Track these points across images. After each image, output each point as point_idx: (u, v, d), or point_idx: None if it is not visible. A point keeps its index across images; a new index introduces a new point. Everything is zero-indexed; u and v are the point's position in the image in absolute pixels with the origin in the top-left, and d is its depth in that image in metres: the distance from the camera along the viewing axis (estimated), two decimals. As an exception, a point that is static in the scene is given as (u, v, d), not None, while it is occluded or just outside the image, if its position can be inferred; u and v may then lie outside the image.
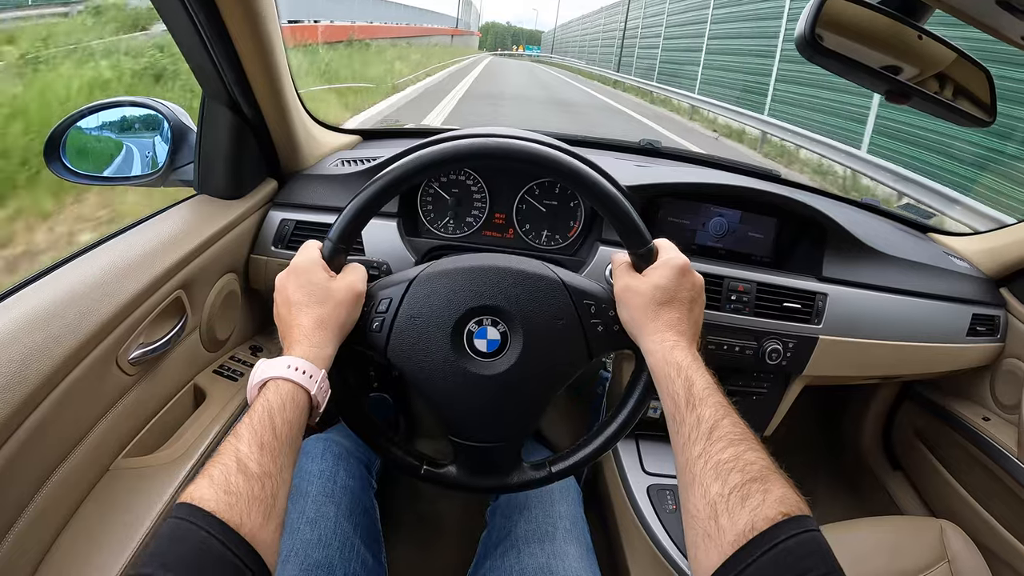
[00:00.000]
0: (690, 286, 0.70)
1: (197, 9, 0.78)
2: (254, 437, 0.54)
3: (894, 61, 0.90)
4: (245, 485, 0.50)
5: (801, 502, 0.50)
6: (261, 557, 0.49)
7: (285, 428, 0.57)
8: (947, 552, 1.07)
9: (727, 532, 0.49)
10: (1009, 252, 1.33)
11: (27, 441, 0.65)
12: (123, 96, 1.02)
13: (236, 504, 0.49)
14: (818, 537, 0.48)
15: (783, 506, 0.49)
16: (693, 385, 0.61)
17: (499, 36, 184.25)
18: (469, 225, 1.15)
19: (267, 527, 0.51)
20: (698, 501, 0.53)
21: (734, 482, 0.51)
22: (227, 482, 0.50)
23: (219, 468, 0.51)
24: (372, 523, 0.92)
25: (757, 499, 0.50)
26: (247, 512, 0.49)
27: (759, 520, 0.48)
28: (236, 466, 0.51)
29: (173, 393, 0.95)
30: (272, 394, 0.58)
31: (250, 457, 0.52)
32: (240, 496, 0.50)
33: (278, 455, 0.55)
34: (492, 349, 0.71)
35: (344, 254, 0.71)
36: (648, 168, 1.22)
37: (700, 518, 0.52)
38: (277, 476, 0.54)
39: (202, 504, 0.48)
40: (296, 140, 1.10)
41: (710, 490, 0.52)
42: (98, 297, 0.76)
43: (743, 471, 0.52)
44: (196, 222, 0.97)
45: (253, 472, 0.52)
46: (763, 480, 0.51)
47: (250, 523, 0.49)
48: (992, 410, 1.37)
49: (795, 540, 0.47)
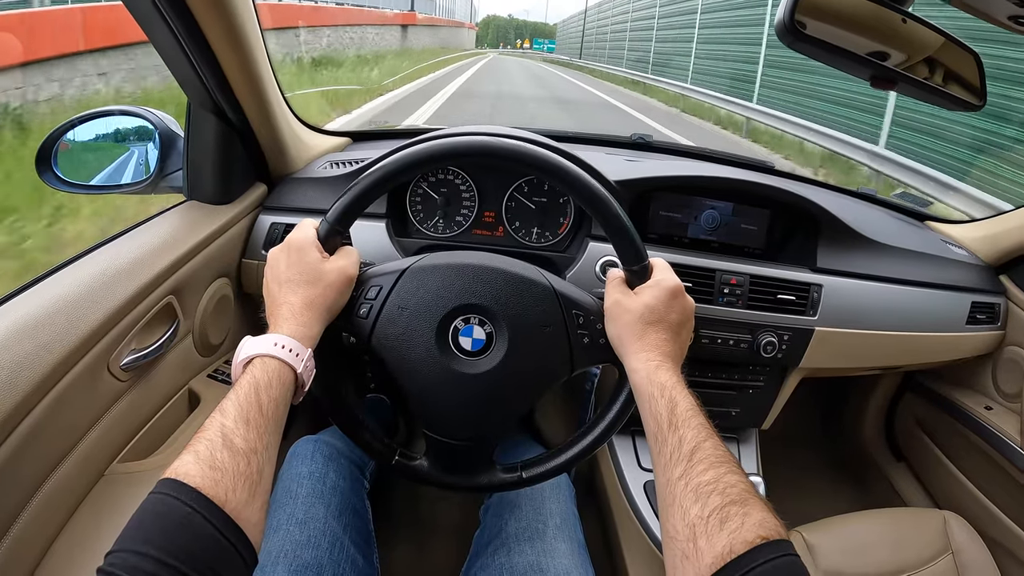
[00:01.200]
0: (680, 309, 0.70)
1: (175, 20, 0.78)
2: (240, 413, 0.54)
3: (880, 47, 0.90)
4: (231, 461, 0.50)
5: (780, 527, 0.50)
6: (245, 534, 0.49)
7: (271, 405, 0.56)
8: (951, 543, 1.06)
9: (705, 554, 0.49)
10: (1008, 238, 1.32)
11: (19, 448, 0.65)
12: (112, 106, 1.03)
13: (222, 480, 0.49)
14: (796, 562, 0.47)
15: (762, 530, 0.48)
16: (676, 406, 0.61)
17: (500, 30, 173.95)
18: (459, 224, 1.15)
19: (252, 504, 0.50)
20: (677, 522, 0.53)
21: (713, 504, 0.51)
22: (212, 458, 0.49)
23: (204, 443, 0.51)
24: (363, 523, 0.91)
25: (736, 522, 0.49)
26: (232, 488, 0.49)
27: (737, 543, 0.48)
28: (222, 441, 0.51)
29: (167, 398, 0.96)
30: (259, 371, 0.58)
31: (236, 432, 0.52)
32: (226, 472, 0.49)
33: (264, 432, 0.54)
34: (476, 348, 0.71)
35: (340, 236, 0.71)
36: (639, 163, 1.22)
37: (679, 539, 0.52)
38: (263, 453, 0.53)
39: (187, 480, 0.47)
40: (283, 144, 1.10)
41: (689, 512, 0.52)
42: (87, 305, 0.76)
43: (723, 494, 0.52)
44: (185, 228, 0.97)
45: (239, 448, 0.51)
46: (743, 503, 0.51)
47: (235, 500, 0.48)
48: (994, 399, 1.35)
49: (772, 564, 0.46)
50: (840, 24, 0.85)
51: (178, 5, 0.77)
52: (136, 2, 0.77)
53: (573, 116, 11.20)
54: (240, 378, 0.59)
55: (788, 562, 0.47)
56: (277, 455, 0.58)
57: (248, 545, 0.49)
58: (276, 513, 0.83)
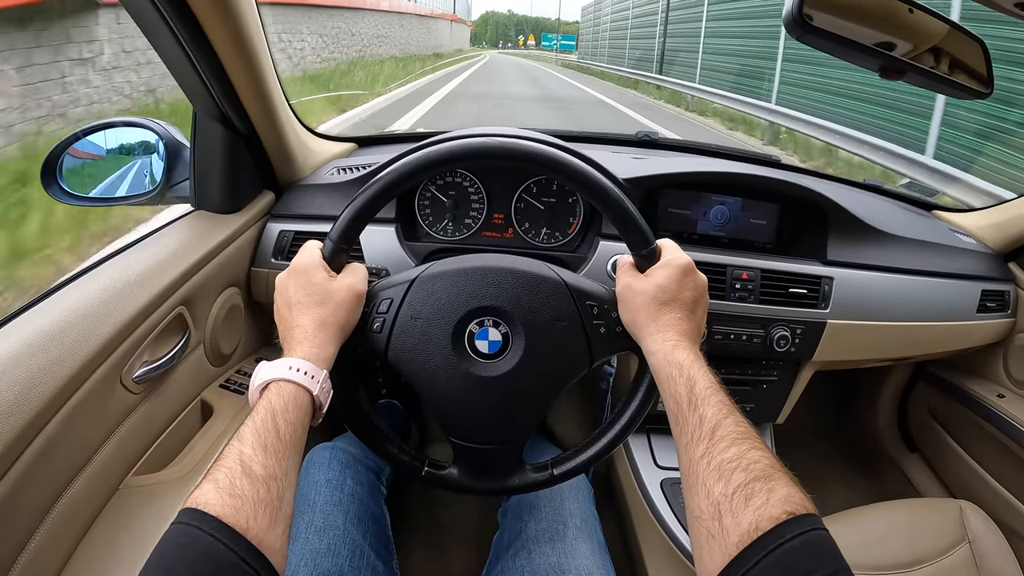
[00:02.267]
0: (693, 286, 0.69)
1: (180, 27, 0.78)
2: (258, 440, 0.54)
3: (887, 37, 0.90)
4: (250, 488, 0.50)
5: (807, 500, 0.49)
6: (269, 561, 0.48)
7: (289, 430, 0.56)
8: (968, 533, 1.05)
9: (731, 532, 0.48)
10: (1015, 226, 1.31)
11: (34, 463, 0.65)
12: (116, 117, 1.02)
13: (242, 508, 0.48)
14: (824, 536, 0.47)
15: (788, 505, 0.48)
16: (695, 385, 0.60)
17: (500, 27, 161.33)
18: (468, 227, 1.15)
19: (274, 530, 0.50)
20: (702, 502, 0.52)
21: (737, 481, 0.50)
22: (232, 485, 0.49)
23: (223, 472, 0.50)
24: (382, 530, 0.91)
25: (761, 498, 0.49)
26: (253, 515, 0.48)
27: (763, 520, 0.47)
28: (240, 469, 0.51)
29: (180, 409, 0.96)
30: (274, 396, 0.58)
31: (254, 459, 0.52)
32: (245, 499, 0.49)
33: (283, 457, 0.54)
34: (493, 350, 0.70)
35: (344, 254, 0.71)
36: (646, 160, 1.22)
37: (704, 519, 0.51)
38: (283, 478, 0.53)
39: (207, 509, 0.47)
40: (290, 151, 1.10)
41: (713, 490, 0.51)
42: (98, 318, 0.76)
43: (746, 470, 0.51)
44: (194, 238, 0.97)
45: (258, 475, 0.51)
46: (767, 479, 0.50)
47: (256, 526, 0.48)
48: (1006, 387, 1.35)
49: (800, 539, 0.46)
50: (847, 16, 0.85)
51: (184, 14, 0.76)
52: (142, 12, 0.77)
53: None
54: (257, 404, 0.58)
55: (816, 536, 0.46)
56: (298, 477, 0.58)
57: (272, 571, 0.49)
58: (295, 522, 0.82)
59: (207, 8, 0.77)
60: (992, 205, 1.43)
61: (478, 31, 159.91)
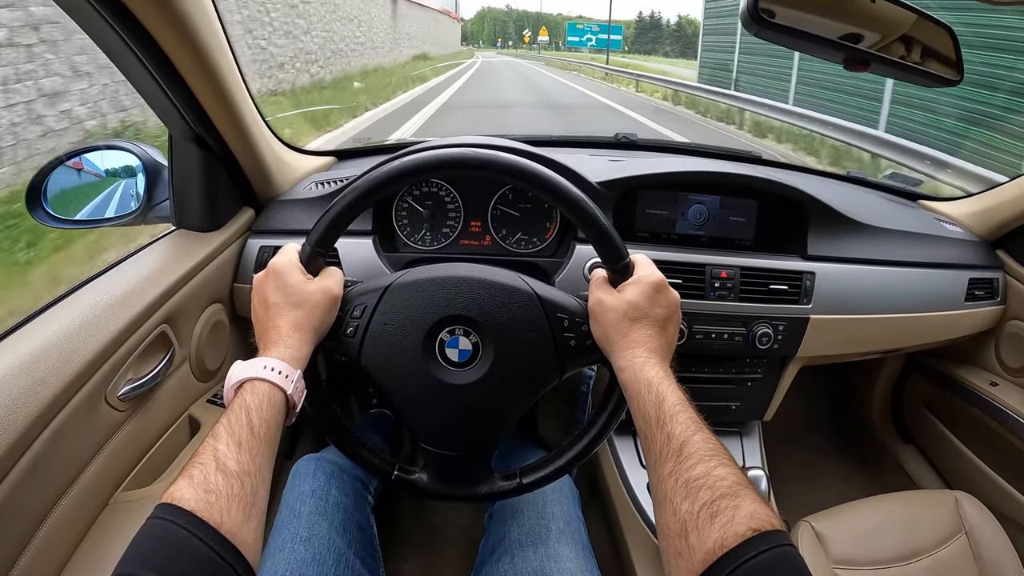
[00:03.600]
0: (664, 303, 0.69)
1: (145, 54, 0.79)
2: (232, 436, 0.55)
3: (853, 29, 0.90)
4: (224, 483, 0.51)
5: (773, 516, 0.49)
6: (242, 554, 0.49)
7: (263, 427, 0.57)
8: (964, 523, 1.05)
9: (696, 551, 0.48)
10: (1001, 212, 1.31)
11: (22, 481, 0.66)
12: (99, 141, 1.04)
13: (216, 502, 0.49)
14: (790, 552, 0.47)
15: (753, 522, 0.48)
16: (663, 402, 0.60)
17: (498, 24, 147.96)
18: (446, 236, 1.16)
19: (248, 524, 0.51)
20: (669, 519, 0.53)
21: (704, 499, 0.51)
22: (206, 481, 0.50)
23: (198, 468, 0.51)
24: (368, 539, 0.92)
25: (727, 515, 0.49)
26: (227, 510, 0.49)
27: (728, 537, 0.47)
28: (215, 465, 0.52)
29: (167, 425, 0.97)
30: (249, 394, 0.59)
31: (228, 456, 0.53)
32: (220, 494, 0.50)
33: (256, 454, 0.55)
34: (464, 359, 0.71)
35: (322, 258, 0.72)
36: (622, 162, 1.22)
37: (672, 536, 0.52)
38: (256, 474, 0.54)
39: (181, 503, 0.48)
40: (267, 168, 1.11)
41: (680, 508, 0.52)
42: (81, 338, 0.77)
43: (713, 488, 0.51)
44: (174, 257, 0.98)
45: (232, 470, 0.52)
46: (733, 496, 0.50)
47: (230, 521, 0.49)
48: (999, 374, 1.34)
49: (766, 556, 0.46)
50: (809, 8, 0.85)
51: (147, 42, 0.78)
52: (106, 39, 0.78)
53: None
54: (231, 402, 0.60)
55: (781, 553, 0.46)
56: (273, 475, 0.59)
57: (245, 565, 0.50)
58: (280, 532, 0.84)
59: (168, 36, 0.79)
60: (978, 192, 1.42)
61: (473, 29, 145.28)
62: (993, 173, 4.19)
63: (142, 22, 0.75)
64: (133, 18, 0.74)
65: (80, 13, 0.73)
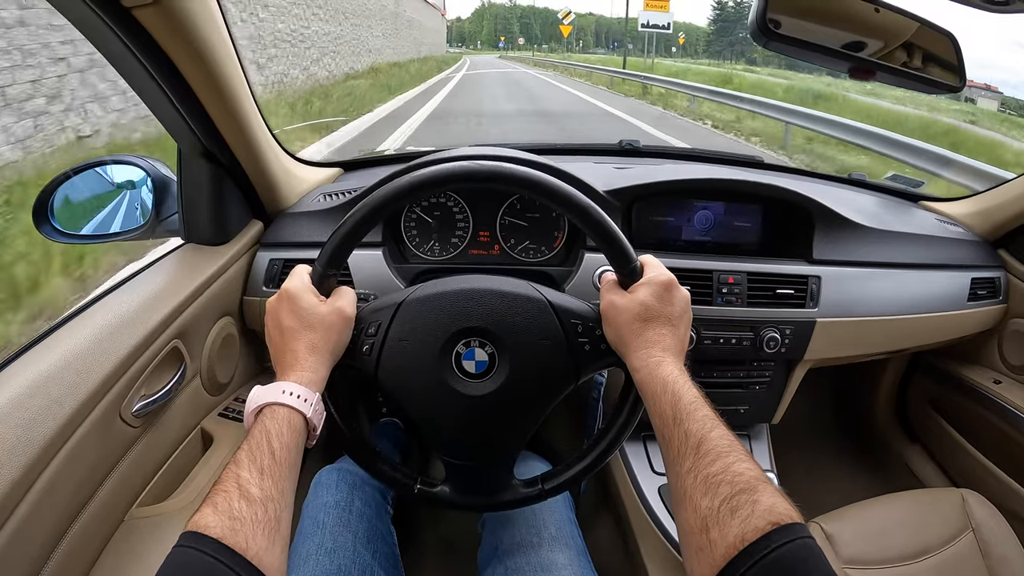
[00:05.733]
0: (675, 302, 0.70)
1: (158, 72, 0.80)
2: (253, 462, 0.55)
3: (855, 37, 0.91)
4: (248, 509, 0.51)
5: (792, 510, 0.50)
6: None
7: (283, 452, 0.58)
8: (971, 521, 1.05)
9: (718, 545, 0.49)
10: (1002, 212, 1.32)
11: (40, 500, 0.67)
12: (105, 155, 1.04)
13: (240, 529, 0.50)
14: (810, 544, 0.47)
15: (772, 515, 0.48)
16: (680, 400, 0.61)
17: (500, 21, 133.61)
18: (455, 246, 1.16)
19: (272, 550, 0.52)
20: (689, 516, 0.53)
21: (723, 494, 0.51)
22: (230, 508, 0.51)
23: (221, 495, 0.52)
24: (390, 549, 0.92)
25: (746, 510, 0.49)
26: (252, 536, 0.50)
27: (748, 531, 0.48)
28: (238, 492, 0.52)
29: (180, 440, 0.97)
30: (268, 420, 0.60)
31: (251, 482, 0.53)
32: (244, 521, 0.50)
33: (279, 479, 0.56)
34: (480, 370, 0.72)
35: (333, 279, 0.72)
36: (628, 169, 1.23)
37: (693, 532, 0.52)
38: (279, 499, 0.55)
39: (206, 531, 0.49)
40: (275, 181, 1.11)
41: (700, 504, 0.52)
42: (95, 356, 0.78)
43: (731, 483, 0.52)
44: (185, 272, 0.99)
45: (255, 496, 0.53)
46: (751, 491, 0.51)
47: (255, 546, 0.50)
48: (1003, 372, 1.35)
49: (786, 549, 0.46)
50: (814, 18, 0.86)
51: (160, 60, 0.78)
52: (120, 58, 0.78)
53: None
54: (252, 428, 0.60)
55: (801, 545, 0.47)
56: (295, 494, 0.59)
57: None
58: (305, 543, 0.84)
59: (182, 54, 0.79)
60: (979, 192, 1.43)
61: (471, 28, 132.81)
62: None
63: (157, 41, 0.76)
64: (148, 36, 0.74)
65: (95, 31, 0.74)
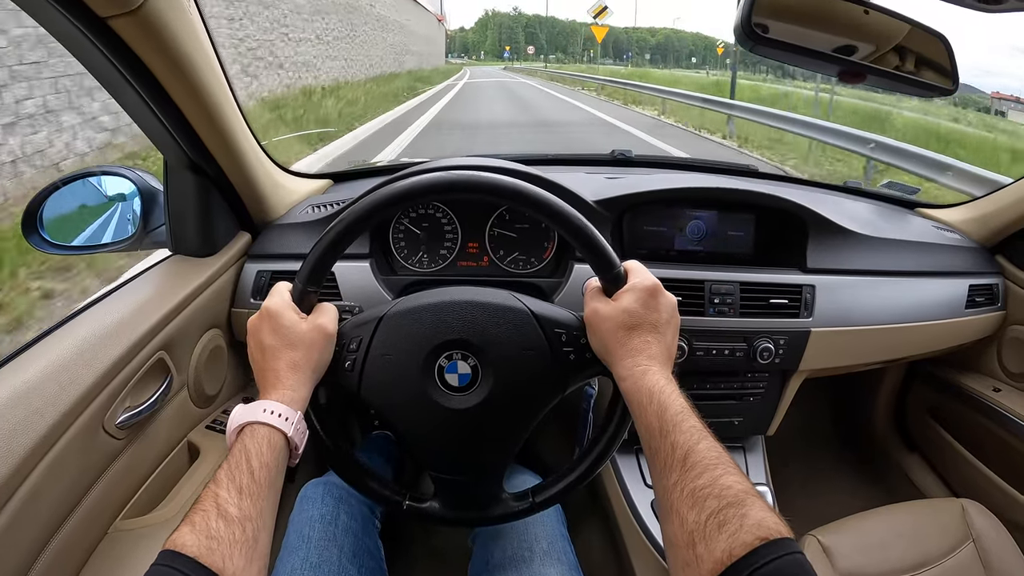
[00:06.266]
0: (661, 308, 0.68)
1: (140, 84, 0.80)
2: (232, 482, 0.55)
3: (846, 41, 0.90)
4: (226, 529, 0.51)
5: (781, 524, 0.49)
6: None
7: (263, 472, 0.58)
8: (971, 531, 1.04)
9: (705, 561, 0.48)
10: (999, 218, 1.31)
11: (21, 511, 0.66)
12: (94, 167, 1.04)
13: (217, 548, 0.50)
14: (800, 559, 0.46)
15: (760, 530, 0.47)
16: (666, 411, 0.59)
17: (505, 31, 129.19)
18: (443, 257, 1.16)
19: (249, 569, 0.52)
20: (676, 530, 0.52)
21: (711, 508, 0.50)
22: (208, 527, 0.51)
23: (200, 514, 0.52)
24: (377, 564, 0.91)
25: (734, 525, 0.48)
26: (229, 555, 0.50)
27: (736, 547, 0.47)
28: (216, 511, 0.52)
29: (166, 452, 0.97)
30: (248, 439, 0.59)
31: (229, 501, 0.54)
32: (221, 540, 0.51)
33: (257, 498, 0.56)
34: (464, 383, 0.71)
35: (314, 295, 0.72)
36: (619, 179, 1.22)
37: (679, 547, 0.51)
38: (257, 519, 0.55)
39: (183, 550, 0.49)
40: (262, 192, 1.11)
41: (687, 518, 0.51)
42: (78, 367, 0.77)
43: (719, 497, 0.51)
44: (171, 283, 0.98)
45: (233, 516, 0.53)
46: (739, 504, 0.50)
47: (232, 566, 0.50)
48: (1002, 380, 1.34)
49: (774, 565, 0.45)
50: (802, 22, 0.85)
51: (142, 72, 0.78)
52: (101, 69, 0.78)
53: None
54: (232, 446, 0.60)
55: (790, 561, 0.46)
56: (282, 508, 0.60)
57: None
58: (290, 558, 0.83)
59: (161, 64, 0.79)
60: (976, 198, 1.42)
61: (475, 38, 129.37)
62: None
63: (136, 51, 0.75)
64: (126, 47, 0.74)
65: (74, 42, 0.74)
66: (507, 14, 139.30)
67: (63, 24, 0.69)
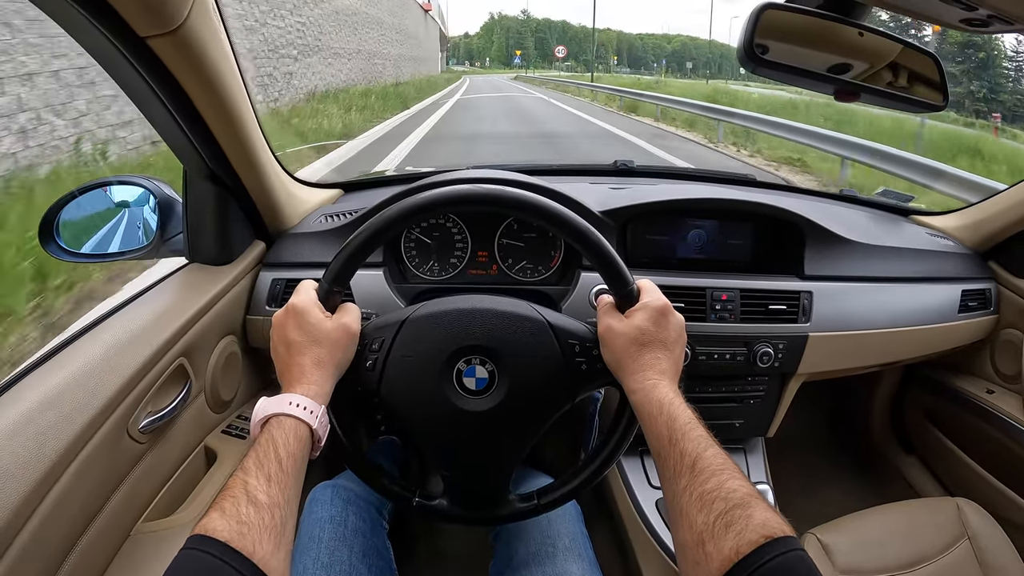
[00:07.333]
0: (671, 327, 0.72)
1: (168, 97, 0.82)
2: (261, 470, 0.57)
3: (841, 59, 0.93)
4: (256, 515, 0.53)
5: (784, 524, 0.52)
6: None
7: (290, 461, 0.60)
8: (967, 529, 1.07)
9: (714, 559, 0.51)
10: (991, 224, 1.35)
11: (50, 514, 0.68)
12: (111, 176, 1.06)
13: (248, 533, 0.51)
14: (802, 555, 0.49)
15: (765, 529, 0.50)
16: (675, 421, 0.63)
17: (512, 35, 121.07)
18: (453, 266, 1.19)
19: (278, 555, 0.53)
20: (686, 531, 0.55)
21: (718, 510, 0.53)
22: (238, 513, 0.52)
23: (229, 500, 0.53)
24: (386, 564, 0.93)
25: (740, 524, 0.52)
26: (259, 540, 0.51)
27: (743, 545, 0.50)
28: (246, 498, 0.54)
29: (185, 456, 0.99)
30: (275, 430, 0.61)
31: (258, 488, 0.55)
32: (252, 525, 0.52)
33: (285, 487, 0.57)
34: (480, 387, 0.74)
35: (338, 295, 0.74)
36: (623, 190, 1.25)
37: (689, 547, 0.54)
38: (284, 506, 0.56)
39: (214, 534, 0.50)
40: (278, 202, 1.14)
41: (696, 520, 0.54)
42: (104, 373, 0.79)
43: (726, 499, 0.54)
44: (190, 291, 1.01)
45: (263, 502, 0.54)
46: (745, 506, 0.53)
47: (262, 551, 0.51)
48: (995, 382, 1.37)
49: (778, 561, 0.48)
50: (801, 43, 0.89)
51: (171, 86, 0.80)
52: (133, 84, 0.81)
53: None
54: (258, 437, 0.62)
55: (793, 557, 0.49)
56: (299, 506, 0.61)
57: None
58: (302, 558, 0.85)
59: (193, 81, 0.81)
60: (968, 205, 1.46)
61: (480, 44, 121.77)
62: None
63: (170, 69, 0.77)
64: (161, 65, 0.76)
65: (109, 59, 0.76)
66: (515, 18, 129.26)
67: (101, 42, 0.71)
